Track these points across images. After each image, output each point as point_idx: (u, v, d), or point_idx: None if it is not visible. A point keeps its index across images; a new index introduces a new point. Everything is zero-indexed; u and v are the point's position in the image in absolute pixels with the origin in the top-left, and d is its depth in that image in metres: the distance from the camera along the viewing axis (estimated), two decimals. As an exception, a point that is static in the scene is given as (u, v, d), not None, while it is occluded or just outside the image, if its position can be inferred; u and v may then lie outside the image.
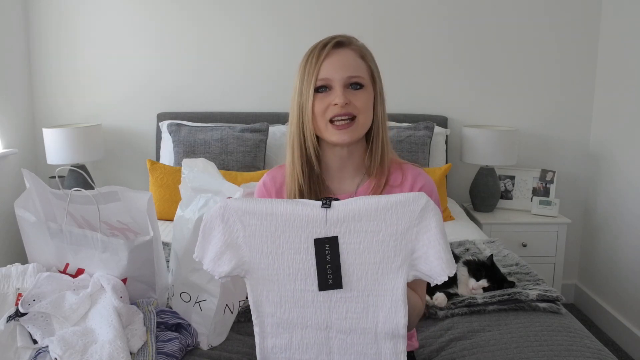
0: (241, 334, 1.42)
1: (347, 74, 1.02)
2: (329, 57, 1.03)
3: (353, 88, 1.03)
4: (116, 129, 2.90)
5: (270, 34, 2.83)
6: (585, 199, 2.99)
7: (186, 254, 1.35)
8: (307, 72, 1.04)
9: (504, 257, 1.92)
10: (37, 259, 1.39)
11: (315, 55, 1.04)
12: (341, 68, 1.02)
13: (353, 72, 1.03)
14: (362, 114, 1.03)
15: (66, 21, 2.79)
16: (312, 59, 1.04)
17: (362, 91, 1.04)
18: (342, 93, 1.01)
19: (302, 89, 1.05)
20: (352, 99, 1.02)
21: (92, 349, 1.13)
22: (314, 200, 0.92)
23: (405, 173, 1.11)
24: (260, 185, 1.16)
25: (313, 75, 1.03)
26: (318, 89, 1.03)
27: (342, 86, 1.02)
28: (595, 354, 1.27)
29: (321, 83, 1.03)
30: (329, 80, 1.02)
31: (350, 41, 1.07)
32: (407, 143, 2.57)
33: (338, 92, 1.01)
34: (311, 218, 0.91)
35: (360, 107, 1.03)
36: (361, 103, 1.03)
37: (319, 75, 1.02)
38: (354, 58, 1.04)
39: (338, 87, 1.02)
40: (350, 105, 1.02)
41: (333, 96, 1.02)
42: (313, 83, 1.03)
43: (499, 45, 2.86)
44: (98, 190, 1.40)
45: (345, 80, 1.02)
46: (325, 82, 1.03)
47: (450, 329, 1.43)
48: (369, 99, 1.05)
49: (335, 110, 1.01)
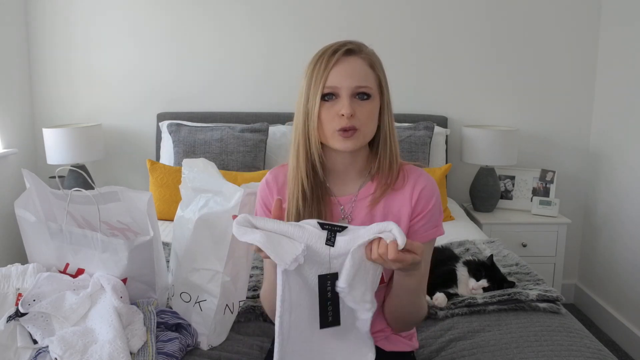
0: (241, 334, 1.42)
1: (355, 83, 1.01)
2: (338, 65, 1.01)
3: (360, 98, 1.02)
4: (116, 129, 2.90)
5: (270, 34, 2.83)
6: (585, 199, 2.99)
7: (186, 254, 1.35)
8: (315, 78, 1.02)
9: (504, 257, 1.91)
10: (37, 259, 1.39)
11: (325, 62, 1.02)
12: (350, 77, 1.01)
13: (361, 81, 1.02)
14: (365, 127, 1.03)
15: (66, 21, 2.79)
16: (320, 64, 1.02)
17: (369, 102, 1.03)
18: (349, 103, 1.00)
19: (309, 95, 1.03)
20: (358, 110, 1.01)
21: (92, 349, 1.13)
22: (318, 229, 0.91)
23: (407, 175, 1.10)
24: (263, 184, 1.16)
25: (321, 82, 1.01)
26: (325, 97, 1.02)
27: (349, 95, 1.01)
28: (595, 354, 1.27)
29: (328, 91, 1.02)
30: (337, 88, 1.01)
31: (360, 49, 1.05)
32: (407, 143, 2.57)
33: (345, 102, 1.00)
34: (317, 253, 0.91)
35: (363, 120, 1.02)
36: (365, 115, 1.02)
37: (327, 82, 1.01)
38: (362, 67, 1.03)
39: (345, 97, 1.01)
40: (354, 118, 1.01)
41: (340, 106, 1.01)
42: (320, 90, 1.01)
43: (499, 45, 2.86)
44: (98, 190, 1.41)
45: (352, 90, 1.01)
46: (333, 90, 1.01)
47: (450, 329, 1.43)
48: (374, 110, 1.04)
49: (342, 122, 1.00)
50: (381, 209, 1.09)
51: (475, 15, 2.83)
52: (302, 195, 1.06)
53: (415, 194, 1.08)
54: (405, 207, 1.08)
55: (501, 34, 2.85)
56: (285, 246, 0.90)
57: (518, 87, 2.90)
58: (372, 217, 1.08)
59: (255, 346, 1.36)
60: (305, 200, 1.06)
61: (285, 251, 0.89)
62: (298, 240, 0.90)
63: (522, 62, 2.88)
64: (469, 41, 2.85)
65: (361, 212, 1.09)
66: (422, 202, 1.08)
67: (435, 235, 1.11)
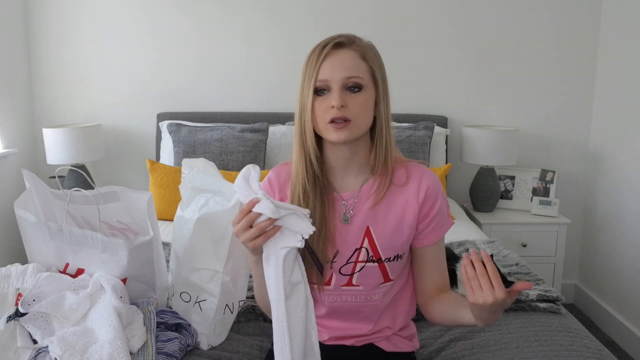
0: (241, 334, 1.42)
1: (345, 74, 1.01)
2: (328, 58, 1.02)
3: (352, 90, 1.02)
4: (116, 129, 2.90)
5: (270, 34, 2.83)
6: (585, 199, 2.99)
7: (186, 254, 1.35)
8: (307, 73, 1.04)
9: (504, 257, 1.91)
10: (37, 259, 1.39)
11: (315, 56, 1.03)
12: (339, 69, 1.02)
13: (351, 72, 1.02)
14: (357, 118, 1.02)
15: (66, 21, 2.79)
16: (312, 59, 1.04)
17: (361, 93, 1.03)
18: (339, 95, 1.01)
19: (303, 89, 1.05)
20: (349, 102, 1.02)
21: (92, 349, 1.13)
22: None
23: (410, 172, 1.11)
24: (265, 181, 1.17)
25: (313, 77, 1.02)
26: (317, 91, 1.03)
27: (340, 87, 1.01)
28: (595, 354, 1.27)
29: (320, 85, 1.02)
30: (327, 81, 1.02)
31: (352, 41, 1.05)
32: (407, 143, 2.57)
33: (335, 94, 1.01)
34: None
35: (355, 112, 1.02)
36: (358, 107, 1.02)
37: (319, 76, 1.02)
38: (353, 58, 1.03)
39: (335, 89, 1.01)
40: (346, 109, 1.01)
41: (331, 98, 1.02)
42: (312, 84, 1.02)
43: (499, 45, 2.86)
44: (98, 190, 1.40)
45: (343, 81, 1.02)
46: (324, 84, 1.02)
47: (451, 329, 1.43)
48: (368, 101, 1.04)
49: (333, 113, 1.01)
50: (384, 205, 1.09)
51: (476, 15, 2.83)
52: (302, 189, 1.07)
53: (422, 192, 1.09)
54: (410, 204, 1.09)
55: (501, 34, 2.85)
56: (295, 220, 0.94)
57: (518, 87, 2.90)
58: (374, 213, 1.09)
59: (255, 346, 1.36)
60: (306, 194, 1.07)
61: (298, 224, 0.94)
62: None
63: (523, 63, 2.87)
64: (469, 41, 2.85)
65: (363, 208, 1.09)
66: (430, 202, 1.09)
67: (448, 228, 1.13)
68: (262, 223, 0.92)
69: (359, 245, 1.09)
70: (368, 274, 1.10)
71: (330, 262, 1.09)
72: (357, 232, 1.09)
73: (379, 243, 1.08)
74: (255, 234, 0.93)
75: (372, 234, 1.08)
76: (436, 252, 1.13)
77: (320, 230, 1.06)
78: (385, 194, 1.09)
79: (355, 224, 1.09)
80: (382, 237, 1.09)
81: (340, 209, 1.10)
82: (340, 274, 1.10)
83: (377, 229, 1.09)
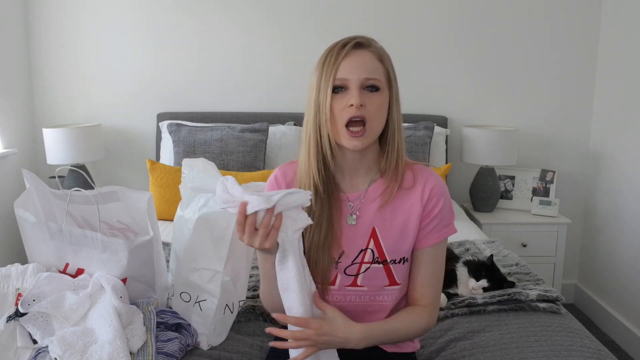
0: (241, 334, 1.42)
1: (364, 75, 1.02)
2: (347, 58, 1.03)
3: (369, 90, 1.03)
4: (116, 129, 2.90)
5: (270, 34, 2.83)
6: (585, 199, 2.99)
7: (186, 254, 1.35)
8: (325, 71, 1.04)
9: (504, 257, 1.91)
10: (37, 259, 1.39)
11: (334, 55, 1.03)
12: (359, 69, 1.02)
13: (370, 74, 1.03)
14: (373, 120, 1.03)
15: (66, 21, 2.79)
16: (330, 58, 1.04)
17: (378, 94, 1.04)
18: (358, 94, 1.01)
19: (319, 87, 1.04)
20: (367, 102, 1.02)
21: (92, 349, 1.13)
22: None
23: (417, 175, 1.11)
24: (271, 179, 1.16)
25: (331, 75, 1.02)
26: (335, 89, 1.03)
27: (359, 87, 1.02)
28: (595, 354, 1.27)
29: (339, 83, 1.03)
30: (346, 80, 1.02)
31: (369, 43, 1.07)
32: (407, 143, 2.57)
33: (354, 93, 1.01)
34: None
35: (372, 112, 1.02)
36: (374, 107, 1.03)
37: (337, 75, 1.02)
38: (372, 60, 1.04)
39: (354, 88, 1.02)
40: (364, 109, 1.02)
41: (349, 97, 1.02)
42: (331, 82, 1.02)
43: (499, 45, 2.86)
44: (98, 190, 1.40)
45: (362, 82, 1.02)
46: (342, 83, 1.03)
47: (451, 329, 1.43)
48: (384, 103, 1.05)
49: (351, 111, 1.01)
50: (390, 207, 1.09)
51: (476, 16, 2.83)
52: (314, 190, 1.07)
53: (426, 194, 1.09)
54: (415, 206, 1.09)
55: (501, 34, 2.85)
56: (290, 198, 0.94)
57: (518, 87, 2.90)
58: (380, 214, 1.09)
59: (255, 346, 1.36)
60: (317, 195, 1.07)
61: (294, 200, 0.94)
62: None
63: (523, 63, 2.87)
64: (469, 41, 2.85)
65: (369, 209, 1.09)
66: (433, 202, 1.09)
67: (448, 234, 1.12)
68: (264, 220, 0.92)
69: (364, 246, 1.09)
70: (373, 275, 1.09)
71: (336, 263, 1.09)
72: (363, 233, 1.09)
73: (385, 244, 1.08)
74: (265, 233, 0.93)
75: (377, 235, 1.09)
76: (430, 255, 1.11)
77: (326, 231, 1.06)
78: (391, 197, 1.09)
79: (361, 224, 1.09)
80: (387, 239, 1.09)
81: (346, 210, 1.10)
82: (345, 274, 1.10)
83: (383, 231, 1.09)
